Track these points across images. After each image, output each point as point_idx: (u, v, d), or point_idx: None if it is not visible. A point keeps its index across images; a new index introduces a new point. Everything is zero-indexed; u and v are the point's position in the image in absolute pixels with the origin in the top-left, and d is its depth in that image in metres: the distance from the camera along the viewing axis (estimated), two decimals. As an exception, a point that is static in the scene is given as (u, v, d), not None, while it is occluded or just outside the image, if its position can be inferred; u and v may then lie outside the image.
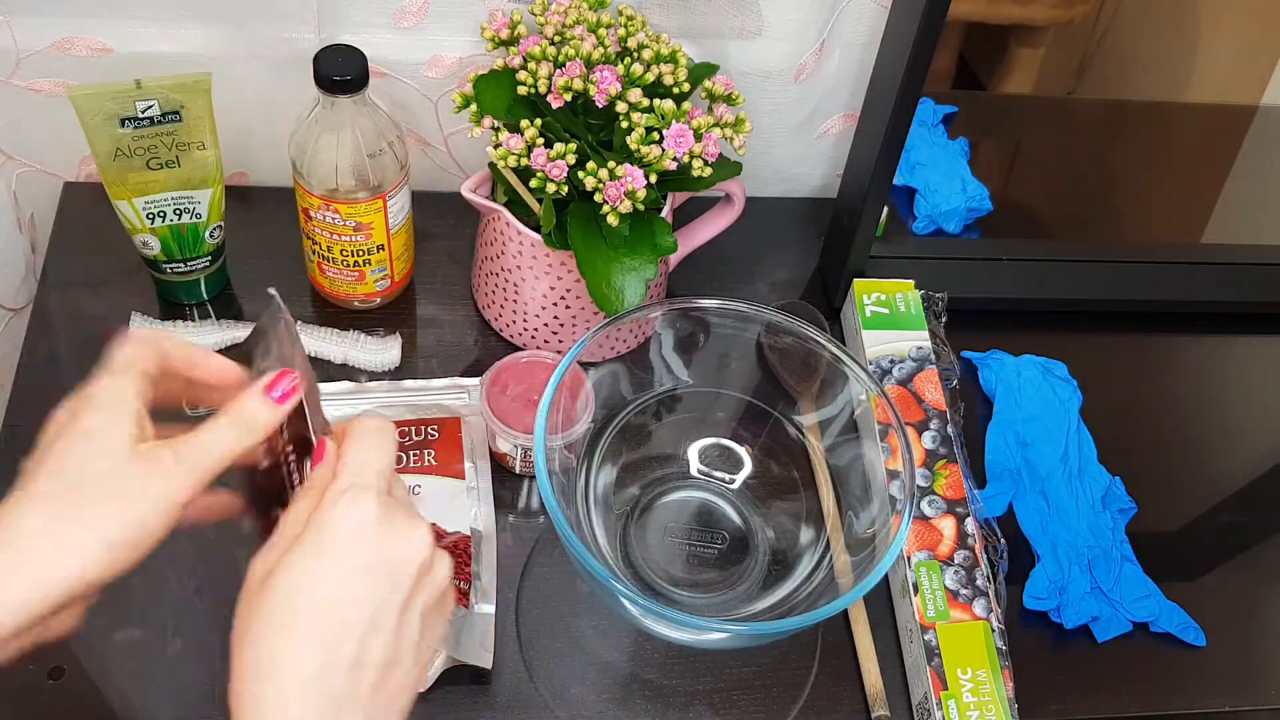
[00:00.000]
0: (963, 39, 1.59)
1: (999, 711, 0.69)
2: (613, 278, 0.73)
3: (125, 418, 0.49)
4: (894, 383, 0.82)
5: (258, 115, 0.86)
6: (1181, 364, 0.96)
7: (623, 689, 0.72)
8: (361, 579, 0.47)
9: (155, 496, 0.48)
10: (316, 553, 0.47)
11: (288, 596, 0.46)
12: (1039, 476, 0.83)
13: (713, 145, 0.73)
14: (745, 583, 0.73)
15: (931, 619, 0.72)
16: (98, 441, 0.48)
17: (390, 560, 0.48)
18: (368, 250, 0.80)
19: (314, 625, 0.46)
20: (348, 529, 0.48)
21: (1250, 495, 0.87)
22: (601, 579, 0.58)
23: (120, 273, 0.84)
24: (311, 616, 0.46)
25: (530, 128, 0.72)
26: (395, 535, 0.49)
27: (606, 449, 0.74)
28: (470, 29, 0.83)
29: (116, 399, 0.49)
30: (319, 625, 0.46)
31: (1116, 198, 1.14)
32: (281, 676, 0.45)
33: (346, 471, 0.50)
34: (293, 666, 0.45)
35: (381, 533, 0.48)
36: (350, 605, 0.47)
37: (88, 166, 0.89)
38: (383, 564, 0.48)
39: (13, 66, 0.81)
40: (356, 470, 0.50)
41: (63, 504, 0.47)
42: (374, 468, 0.50)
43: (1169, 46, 1.47)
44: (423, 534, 0.50)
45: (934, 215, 0.98)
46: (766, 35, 0.85)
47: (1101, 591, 0.78)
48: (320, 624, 0.46)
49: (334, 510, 0.48)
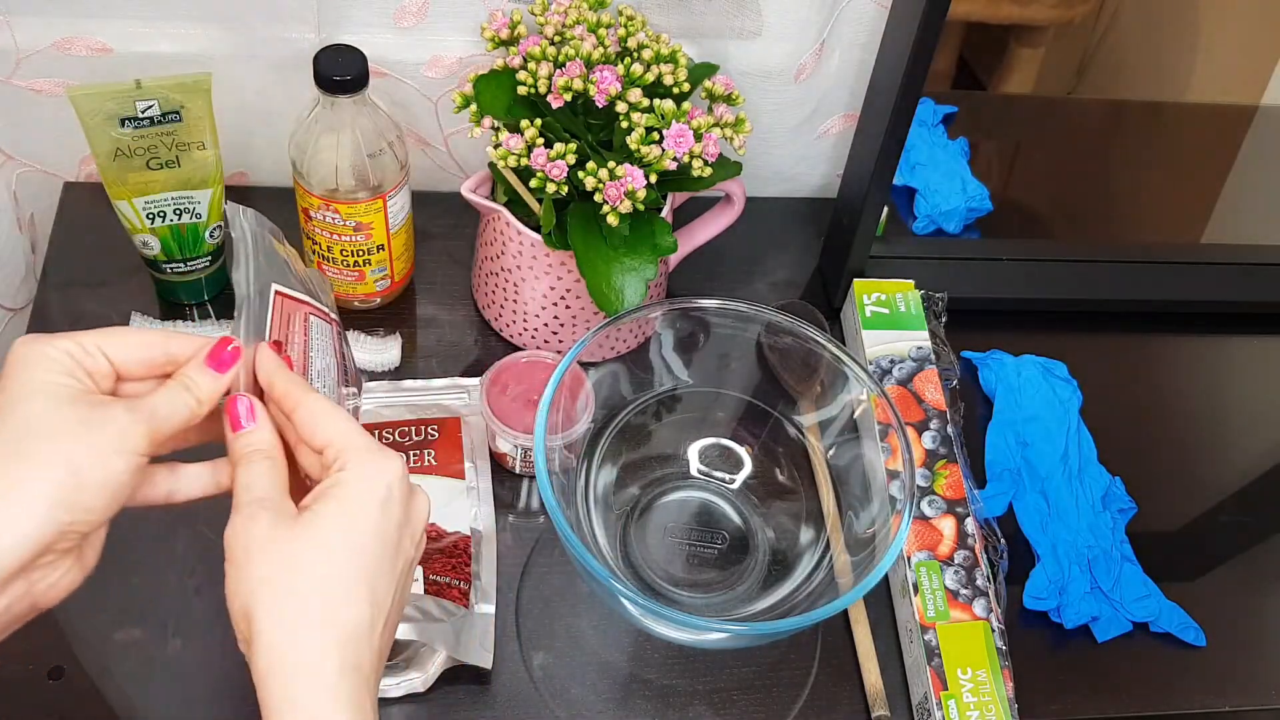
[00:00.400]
0: (963, 39, 1.59)
1: (999, 711, 0.69)
2: (613, 278, 0.73)
3: (57, 372, 0.47)
4: (894, 383, 0.82)
5: (258, 115, 0.86)
6: (1181, 364, 0.96)
7: (623, 689, 0.72)
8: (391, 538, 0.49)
9: (111, 437, 0.46)
10: (353, 513, 0.48)
11: (320, 556, 0.47)
12: (1039, 476, 0.83)
13: (713, 145, 0.73)
14: (745, 583, 0.73)
15: (931, 619, 0.72)
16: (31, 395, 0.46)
17: (414, 518, 0.51)
18: (368, 250, 0.80)
19: (354, 583, 0.47)
20: (380, 490, 0.49)
21: (1250, 495, 0.87)
22: (601, 579, 0.58)
23: (120, 273, 0.85)
24: (353, 577, 0.47)
25: (530, 128, 0.72)
26: (414, 492, 0.51)
27: (606, 449, 0.74)
28: (470, 29, 0.83)
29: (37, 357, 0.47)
30: (357, 583, 0.47)
31: (1116, 198, 1.14)
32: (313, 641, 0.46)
33: (356, 434, 0.50)
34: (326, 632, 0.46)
35: (407, 489, 0.50)
36: (385, 564, 0.48)
37: (88, 166, 0.89)
38: (409, 522, 0.50)
39: (13, 66, 0.81)
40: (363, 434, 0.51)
41: (8, 454, 0.44)
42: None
43: (1169, 46, 1.47)
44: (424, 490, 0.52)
45: (934, 215, 0.98)
46: (766, 35, 0.85)
47: (1101, 591, 0.78)
48: (358, 584, 0.47)
49: (365, 472, 0.49)
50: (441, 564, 0.70)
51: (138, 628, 0.69)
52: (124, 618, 0.69)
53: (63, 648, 0.68)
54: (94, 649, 0.68)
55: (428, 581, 0.69)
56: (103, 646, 0.68)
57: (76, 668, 0.68)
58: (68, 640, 0.68)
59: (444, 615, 0.67)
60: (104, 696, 0.67)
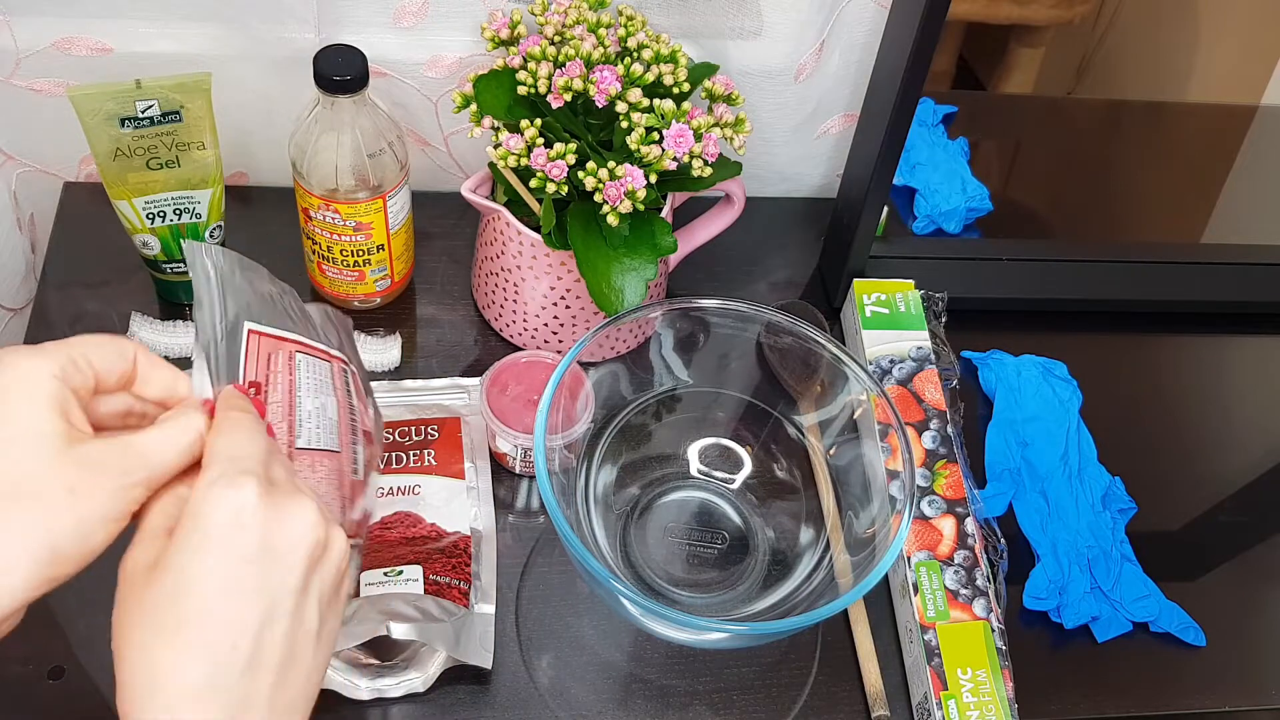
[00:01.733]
0: (963, 39, 1.60)
1: (999, 711, 0.69)
2: (613, 278, 0.73)
3: (48, 408, 0.43)
4: (894, 383, 0.82)
5: (258, 115, 0.86)
6: (1181, 364, 0.96)
7: (623, 689, 0.72)
8: (248, 569, 0.43)
9: (97, 506, 0.43)
10: (194, 546, 0.42)
11: (168, 598, 0.42)
12: (1039, 476, 0.83)
13: (713, 145, 0.73)
14: (745, 583, 0.73)
15: (931, 619, 0.72)
16: (20, 440, 0.42)
17: (278, 545, 0.44)
18: (368, 250, 0.80)
19: (201, 627, 0.42)
20: (225, 516, 0.43)
21: (1250, 495, 0.87)
22: (601, 579, 0.58)
23: (120, 273, 0.85)
24: (197, 618, 0.42)
25: (530, 128, 0.72)
26: (280, 517, 0.44)
27: (606, 449, 0.74)
28: (470, 29, 0.83)
29: (33, 387, 0.43)
30: (206, 627, 0.42)
31: (1116, 198, 1.14)
32: (170, 688, 0.41)
33: (215, 461, 0.45)
34: (181, 676, 0.41)
35: (264, 515, 0.43)
36: (239, 600, 0.42)
37: (88, 166, 0.89)
38: (270, 550, 0.43)
39: (13, 66, 0.81)
40: (227, 458, 0.45)
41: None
42: (245, 451, 0.45)
43: (1169, 46, 1.47)
44: (309, 512, 0.45)
45: (934, 215, 0.98)
46: (766, 35, 0.85)
47: (1101, 591, 0.78)
48: (207, 625, 0.42)
49: (207, 500, 0.43)
50: (441, 564, 0.70)
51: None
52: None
53: (63, 648, 0.68)
54: (94, 649, 0.68)
55: (428, 581, 0.69)
56: (103, 646, 0.68)
57: (76, 668, 0.68)
58: (68, 640, 0.68)
59: (444, 615, 0.67)
60: (104, 696, 0.67)
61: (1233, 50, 1.42)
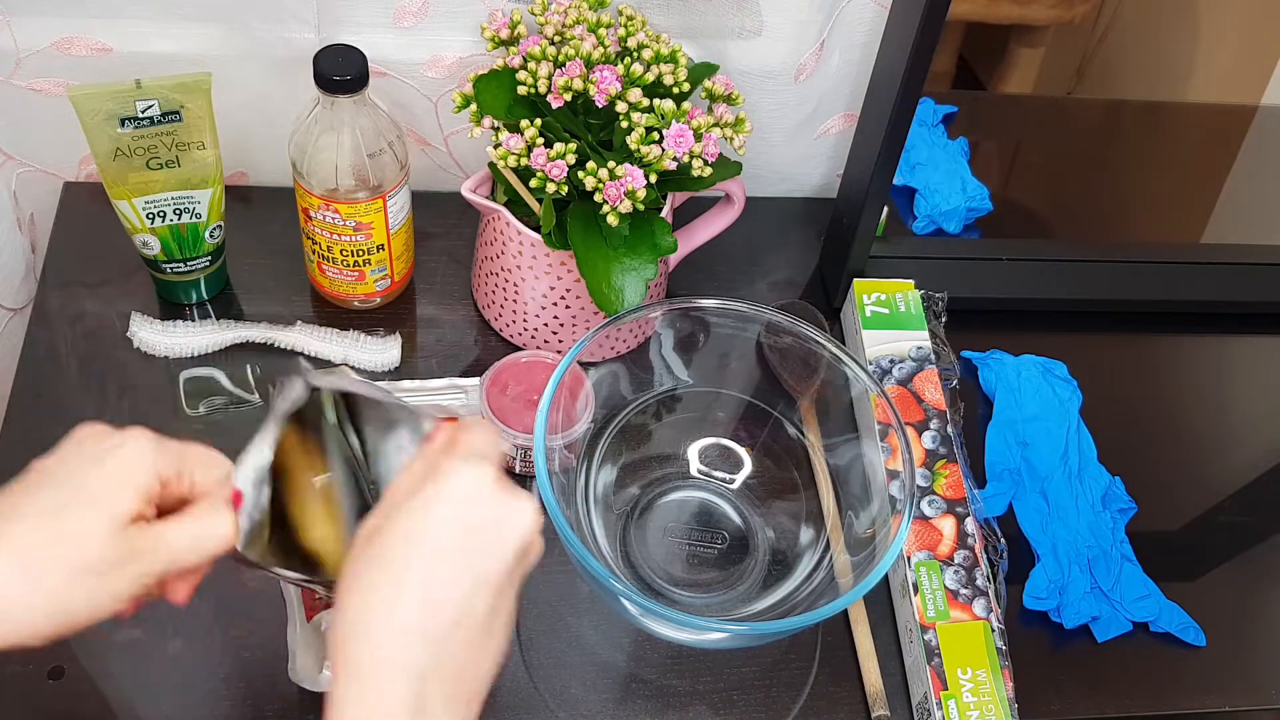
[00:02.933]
0: (963, 39, 1.60)
1: (999, 711, 0.69)
2: (613, 278, 0.73)
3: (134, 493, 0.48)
4: (894, 383, 0.82)
5: (258, 115, 0.86)
6: (1181, 364, 0.96)
7: (623, 689, 0.72)
8: (471, 538, 0.48)
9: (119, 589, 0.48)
10: (431, 503, 0.48)
11: (398, 543, 0.47)
12: (1039, 476, 0.83)
13: (713, 145, 0.73)
14: (745, 583, 0.73)
15: (931, 619, 0.72)
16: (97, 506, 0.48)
17: (500, 526, 0.48)
18: (368, 250, 0.80)
19: (424, 576, 0.46)
20: (465, 487, 0.48)
21: (1250, 495, 0.87)
22: (601, 579, 0.58)
23: (120, 273, 0.85)
24: (421, 566, 0.46)
25: (530, 128, 0.72)
26: (507, 503, 0.49)
27: (606, 449, 0.74)
28: (470, 29, 0.83)
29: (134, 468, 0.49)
30: (425, 576, 0.46)
31: (1116, 198, 1.14)
32: (382, 627, 0.45)
33: (465, 448, 0.50)
34: (396, 615, 0.46)
35: (496, 498, 0.49)
36: (459, 560, 0.47)
37: (88, 166, 0.89)
38: (492, 528, 0.48)
39: (13, 66, 0.81)
40: (475, 448, 0.50)
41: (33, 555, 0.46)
42: (490, 450, 0.51)
43: (1169, 46, 1.48)
44: (530, 511, 0.49)
45: (934, 215, 0.98)
46: (766, 35, 0.85)
47: (1101, 591, 0.78)
48: (426, 575, 0.46)
49: (453, 470, 0.49)
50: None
51: (138, 628, 0.69)
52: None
53: (63, 648, 0.68)
54: (94, 649, 0.68)
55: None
56: (103, 646, 0.68)
57: (76, 668, 0.67)
58: (68, 640, 0.68)
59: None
60: (104, 696, 0.67)
61: (1233, 50, 1.42)
